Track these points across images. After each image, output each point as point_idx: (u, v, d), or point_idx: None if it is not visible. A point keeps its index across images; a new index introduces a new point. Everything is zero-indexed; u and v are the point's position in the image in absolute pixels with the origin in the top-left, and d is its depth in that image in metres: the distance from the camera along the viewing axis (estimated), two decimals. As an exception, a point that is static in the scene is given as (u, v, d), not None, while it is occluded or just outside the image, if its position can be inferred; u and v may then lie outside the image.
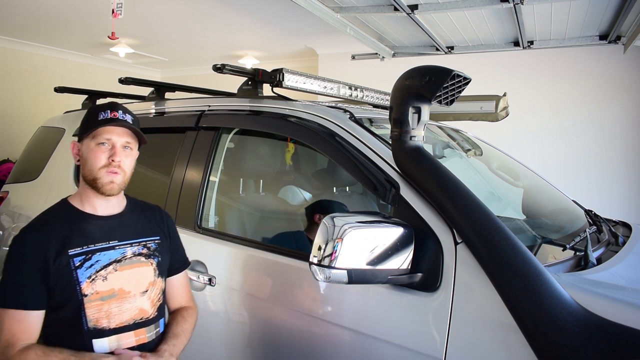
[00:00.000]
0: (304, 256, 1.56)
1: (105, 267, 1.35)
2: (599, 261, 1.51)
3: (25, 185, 2.84)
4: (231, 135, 2.13)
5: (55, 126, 2.96)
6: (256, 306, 1.76)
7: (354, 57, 5.56)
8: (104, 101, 1.63)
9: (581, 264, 1.46)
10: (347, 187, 2.78)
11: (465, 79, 1.42)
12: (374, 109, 2.53)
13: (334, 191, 2.70)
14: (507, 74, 5.32)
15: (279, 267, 1.70)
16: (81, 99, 3.04)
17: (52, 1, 4.87)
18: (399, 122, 1.44)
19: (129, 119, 1.41)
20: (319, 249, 1.24)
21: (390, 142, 1.51)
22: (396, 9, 3.47)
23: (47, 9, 5.16)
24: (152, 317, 1.43)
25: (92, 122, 1.38)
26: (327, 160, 2.54)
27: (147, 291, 1.42)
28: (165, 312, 1.53)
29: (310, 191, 2.63)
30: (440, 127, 2.56)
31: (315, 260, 1.24)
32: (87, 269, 1.32)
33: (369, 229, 1.26)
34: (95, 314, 1.32)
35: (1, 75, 6.66)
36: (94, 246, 1.36)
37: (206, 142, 2.05)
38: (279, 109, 1.95)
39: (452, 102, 1.44)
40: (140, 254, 1.44)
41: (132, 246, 1.43)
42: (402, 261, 1.30)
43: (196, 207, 1.97)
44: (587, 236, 1.55)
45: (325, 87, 2.22)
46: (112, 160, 1.37)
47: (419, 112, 1.43)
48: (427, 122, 1.51)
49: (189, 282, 1.66)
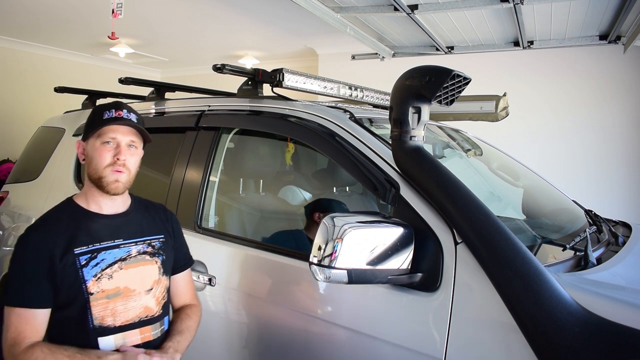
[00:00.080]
0: (304, 256, 1.56)
1: (110, 265, 1.36)
2: (599, 261, 1.51)
3: (25, 185, 2.84)
4: (231, 135, 2.13)
5: (55, 126, 2.95)
6: (256, 306, 1.76)
7: (354, 57, 5.56)
8: (104, 101, 1.63)
9: (581, 264, 1.46)
10: (347, 187, 2.77)
11: (465, 79, 1.42)
12: (374, 109, 2.53)
13: (334, 191, 2.70)
14: (507, 74, 5.32)
15: (279, 267, 1.70)
16: (81, 99, 3.03)
17: (52, 1, 4.87)
18: (399, 122, 1.44)
19: (133, 118, 1.41)
20: (319, 249, 1.24)
21: (390, 142, 1.51)
22: (396, 9, 3.47)
23: (47, 9, 5.16)
24: (157, 315, 1.44)
25: (97, 121, 1.39)
26: (327, 160, 2.54)
27: (152, 289, 1.43)
28: (169, 310, 1.54)
29: (310, 191, 2.63)
30: (440, 127, 2.56)
31: (315, 260, 1.24)
32: (92, 268, 1.33)
33: (369, 229, 1.27)
34: (100, 312, 1.33)
35: (1, 75, 6.66)
36: (100, 245, 1.37)
37: (206, 142, 2.05)
38: (279, 109, 1.95)
39: (452, 102, 1.44)
40: (145, 253, 1.44)
41: (137, 245, 1.44)
42: (402, 261, 1.30)
43: (196, 207, 1.97)
44: (587, 236, 1.55)
45: (325, 87, 2.22)
46: (117, 158, 1.38)
47: (419, 112, 1.43)
48: (427, 122, 1.51)
49: (192, 280, 1.66)
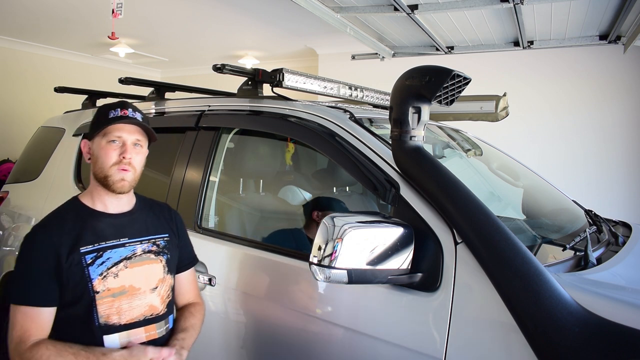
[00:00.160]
0: (304, 256, 1.56)
1: (116, 264, 1.37)
2: (599, 261, 1.51)
3: (25, 185, 2.84)
4: (231, 135, 2.13)
5: (55, 126, 2.95)
6: (256, 306, 1.76)
7: (354, 57, 5.56)
8: (104, 101, 1.64)
9: (581, 264, 1.46)
10: (347, 187, 2.77)
11: (465, 79, 1.42)
12: (374, 109, 2.52)
13: (334, 191, 2.70)
14: (507, 74, 5.32)
15: (279, 267, 1.70)
16: (81, 99, 3.03)
17: (52, 1, 4.87)
18: (399, 122, 1.44)
19: (138, 117, 1.42)
20: (319, 249, 1.24)
21: (390, 142, 1.51)
22: (396, 9, 3.47)
23: (47, 9, 5.16)
24: (162, 313, 1.45)
25: (102, 120, 1.39)
26: (327, 160, 2.54)
27: (156, 288, 1.44)
28: (174, 309, 1.55)
29: (310, 191, 2.63)
30: (440, 127, 2.56)
31: (315, 260, 1.24)
32: (98, 266, 1.34)
33: (369, 229, 1.26)
34: (106, 310, 1.33)
35: (1, 75, 6.66)
36: (105, 243, 1.37)
37: (206, 142, 2.05)
38: (279, 109, 1.95)
39: (452, 102, 1.44)
40: (149, 251, 1.45)
41: (142, 243, 1.44)
42: (402, 261, 1.30)
43: (196, 207, 1.97)
44: (587, 236, 1.55)
45: (325, 87, 2.22)
46: (123, 157, 1.38)
47: (419, 112, 1.43)
48: (427, 122, 1.51)
49: (196, 279, 1.67)
